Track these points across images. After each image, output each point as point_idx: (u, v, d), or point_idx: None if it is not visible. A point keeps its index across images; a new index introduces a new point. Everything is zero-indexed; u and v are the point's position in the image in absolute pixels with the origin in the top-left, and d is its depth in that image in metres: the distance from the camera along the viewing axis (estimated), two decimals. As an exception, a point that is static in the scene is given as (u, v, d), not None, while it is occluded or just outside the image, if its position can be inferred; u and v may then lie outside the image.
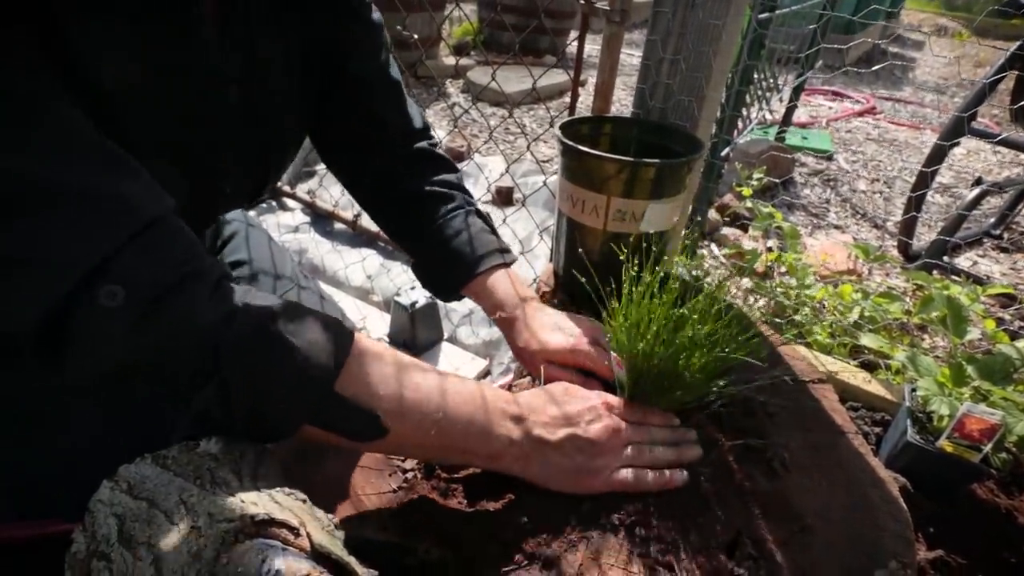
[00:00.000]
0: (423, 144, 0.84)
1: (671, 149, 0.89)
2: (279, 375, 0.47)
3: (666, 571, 0.56)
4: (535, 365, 0.74)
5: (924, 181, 1.51)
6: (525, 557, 0.56)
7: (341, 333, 0.51)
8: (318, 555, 0.37)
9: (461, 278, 0.80)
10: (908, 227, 1.66)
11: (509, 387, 0.79)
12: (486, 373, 1.38)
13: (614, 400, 0.64)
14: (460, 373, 1.35)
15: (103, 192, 0.44)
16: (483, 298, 0.80)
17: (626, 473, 0.59)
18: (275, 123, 0.70)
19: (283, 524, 0.38)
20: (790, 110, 2.75)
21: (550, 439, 0.58)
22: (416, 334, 1.38)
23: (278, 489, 0.44)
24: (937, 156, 1.51)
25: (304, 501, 0.45)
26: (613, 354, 0.65)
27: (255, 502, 0.40)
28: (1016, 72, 1.49)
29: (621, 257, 0.66)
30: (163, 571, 0.37)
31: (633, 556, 0.56)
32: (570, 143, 0.81)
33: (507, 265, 0.82)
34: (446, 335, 1.47)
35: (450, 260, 0.80)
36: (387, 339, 1.44)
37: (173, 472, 0.44)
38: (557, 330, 0.74)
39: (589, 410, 0.61)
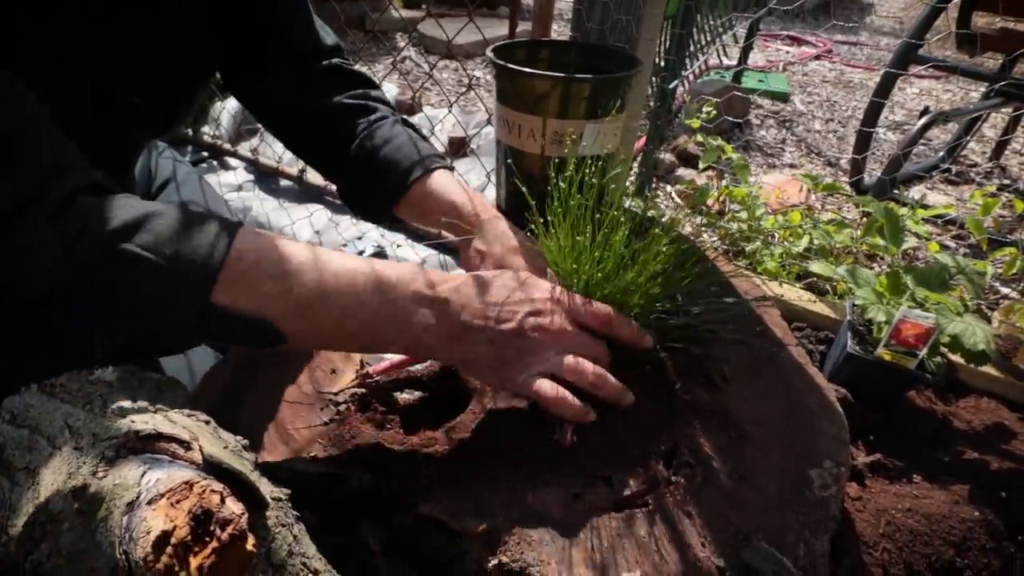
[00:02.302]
0: (335, 61, 0.77)
1: (611, 71, 0.86)
2: (144, 295, 0.44)
3: (602, 483, 0.55)
4: (483, 265, 0.68)
5: (886, 87, 1.51)
6: (461, 479, 0.55)
7: (219, 235, 0.46)
8: (210, 467, 0.35)
9: (398, 185, 0.71)
10: (862, 142, 1.66)
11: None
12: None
13: (565, 297, 0.57)
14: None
15: None
16: (430, 201, 0.70)
17: (548, 387, 0.54)
18: (174, 22, 0.64)
19: (172, 438, 0.35)
20: (746, 50, 2.72)
21: (474, 324, 0.53)
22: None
23: (177, 410, 0.42)
24: (899, 66, 1.52)
25: (207, 422, 0.42)
26: (549, 272, 0.63)
27: (145, 421, 0.38)
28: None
29: (561, 183, 0.63)
30: (40, 492, 0.34)
31: (569, 470, 0.56)
32: (501, 62, 0.78)
33: (450, 169, 0.74)
34: (399, 286, 1.44)
35: (383, 168, 0.71)
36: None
37: (60, 400, 0.41)
38: (516, 249, 0.68)
39: (529, 301, 0.55)
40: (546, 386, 0.54)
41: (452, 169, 0.75)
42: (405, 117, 0.78)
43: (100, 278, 0.43)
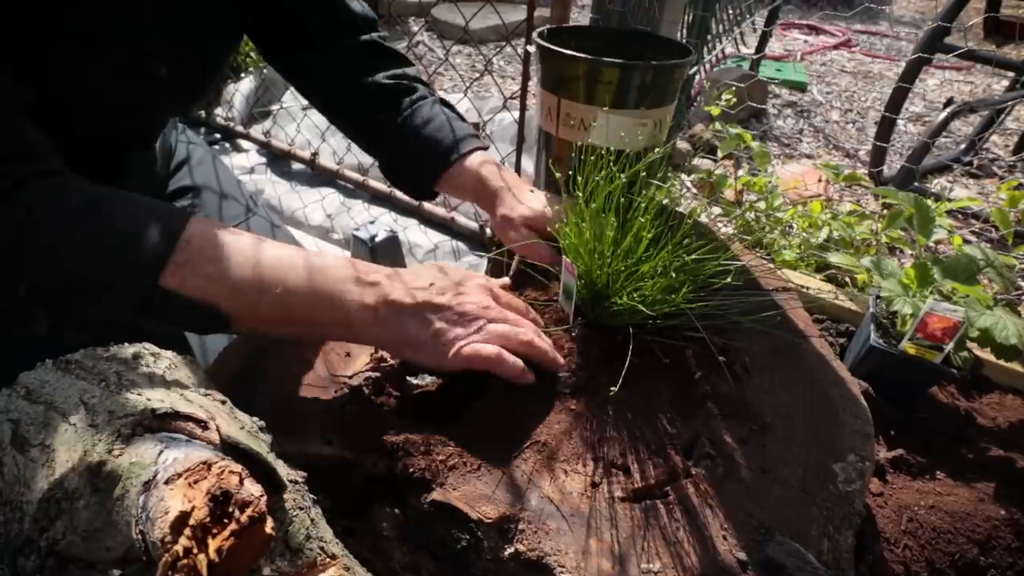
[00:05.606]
0: (373, 36, 0.79)
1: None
2: (90, 274, 0.45)
3: (621, 473, 0.54)
4: (513, 231, 0.72)
5: (913, 73, 1.47)
6: (477, 466, 0.54)
7: (169, 222, 0.48)
8: (227, 447, 0.34)
9: (440, 163, 0.75)
10: (885, 130, 1.62)
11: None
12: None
13: (495, 282, 0.62)
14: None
15: None
16: (464, 179, 0.76)
17: (486, 349, 0.54)
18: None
19: (189, 417, 0.35)
20: (764, 38, 2.68)
21: (406, 302, 0.54)
22: (380, 271, 1.32)
23: (194, 389, 0.41)
24: (925, 50, 1.48)
25: (223, 402, 0.42)
26: (565, 259, 0.61)
27: (162, 399, 0.37)
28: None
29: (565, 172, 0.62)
30: (56, 469, 0.33)
31: (587, 460, 0.55)
32: (541, 41, 0.76)
33: (484, 148, 0.79)
34: (411, 272, 1.43)
35: (427, 148, 0.76)
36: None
37: (76, 376, 0.41)
38: (536, 199, 0.74)
39: (454, 284, 0.57)
40: (484, 348, 0.54)
41: (486, 148, 0.80)
42: (443, 96, 0.81)
43: (52, 253, 0.44)
